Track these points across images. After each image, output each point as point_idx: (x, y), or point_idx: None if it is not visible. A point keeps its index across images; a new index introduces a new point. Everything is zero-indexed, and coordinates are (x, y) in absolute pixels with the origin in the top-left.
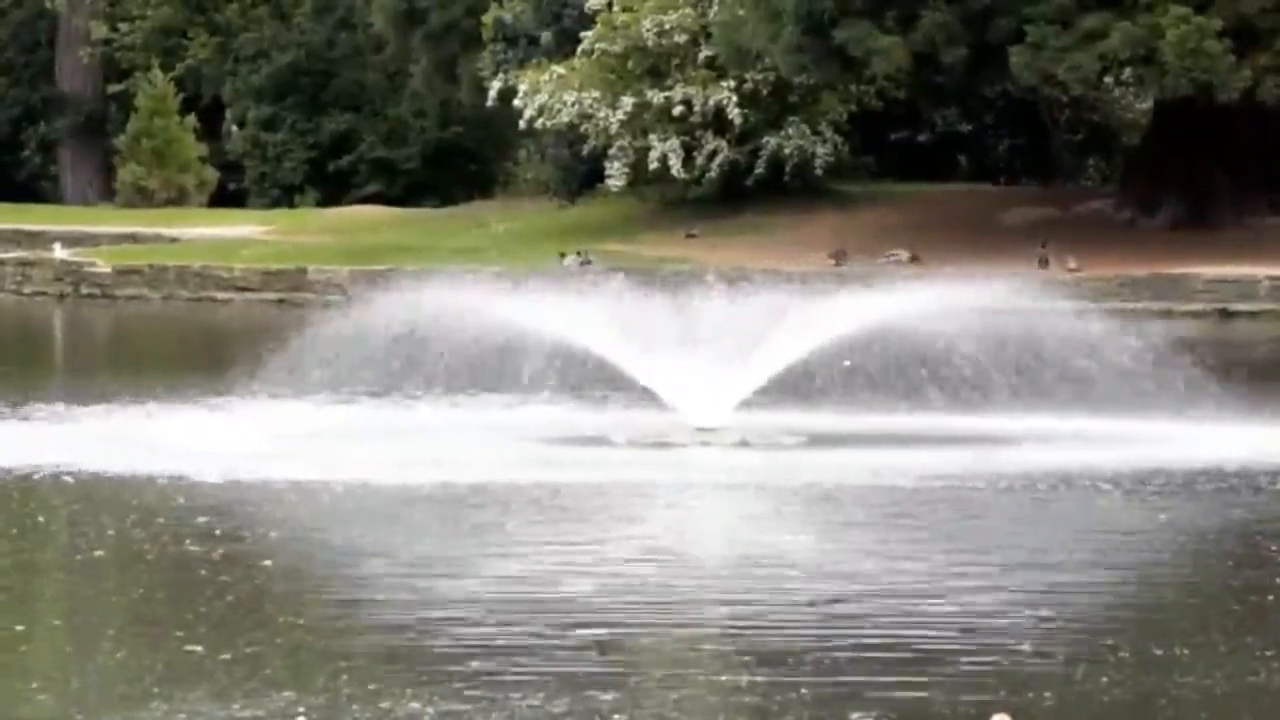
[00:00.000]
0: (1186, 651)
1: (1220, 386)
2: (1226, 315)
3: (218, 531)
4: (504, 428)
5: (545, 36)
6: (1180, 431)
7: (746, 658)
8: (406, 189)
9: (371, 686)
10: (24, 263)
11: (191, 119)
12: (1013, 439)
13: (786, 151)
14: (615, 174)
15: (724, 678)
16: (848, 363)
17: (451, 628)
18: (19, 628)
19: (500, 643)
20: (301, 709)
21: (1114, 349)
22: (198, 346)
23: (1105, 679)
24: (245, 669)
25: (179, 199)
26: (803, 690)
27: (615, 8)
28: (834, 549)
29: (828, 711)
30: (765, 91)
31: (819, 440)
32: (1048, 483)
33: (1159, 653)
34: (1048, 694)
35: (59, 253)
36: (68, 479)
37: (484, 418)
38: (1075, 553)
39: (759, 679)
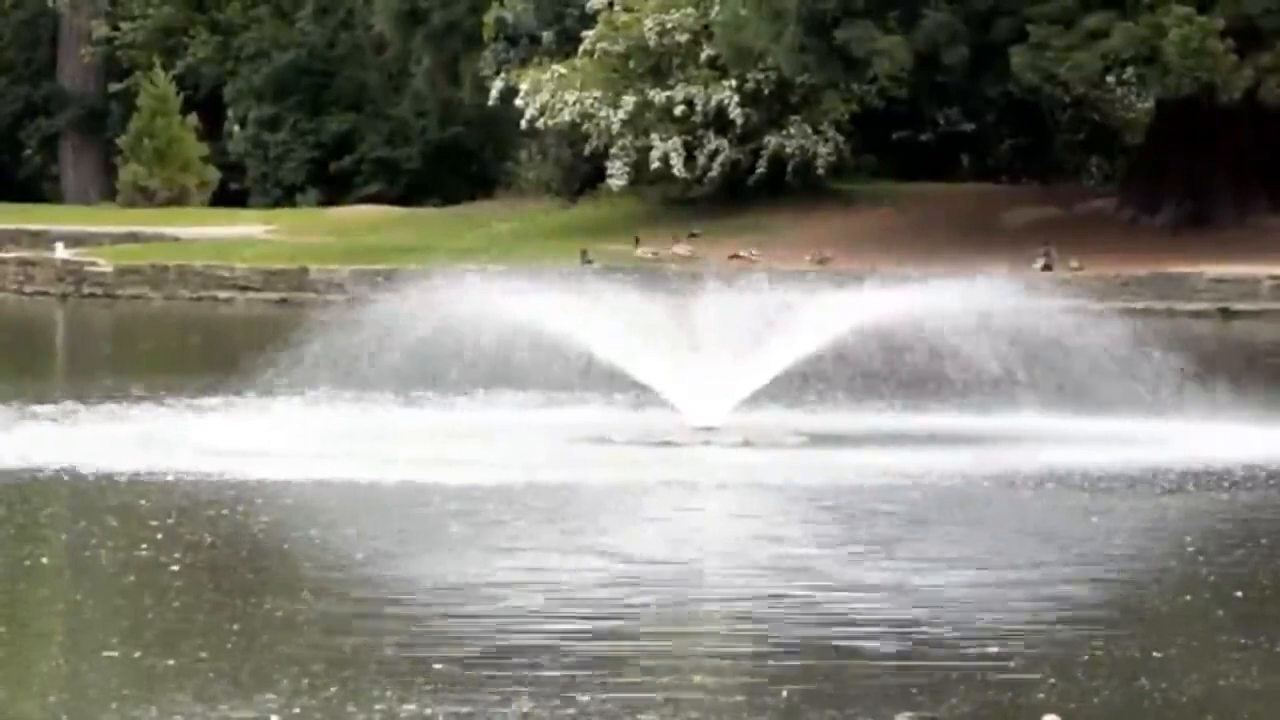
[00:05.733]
0: (1188, 652)
1: (1223, 385)
2: (1228, 315)
3: (220, 530)
4: (503, 428)
5: (547, 36)
6: (1183, 431)
7: (746, 658)
8: (408, 189)
9: (374, 691)
10: (26, 262)
11: (193, 118)
12: (1015, 438)
13: (788, 151)
14: (617, 173)
15: (724, 678)
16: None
17: (451, 626)
18: (12, 630)
19: (499, 643)
20: (296, 709)
21: (1116, 348)
22: (201, 346)
23: (1109, 678)
24: (242, 671)
25: (180, 198)
26: (805, 688)
27: (617, 7)
28: (835, 549)
29: (824, 712)
30: (767, 91)
31: (821, 440)
32: (1050, 482)
33: (1158, 654)
34: (1040, 695)
35: (60, 252)
36: (72, 478)
37: (483, 418)
38: (1078, 553)
39: (759, 679)
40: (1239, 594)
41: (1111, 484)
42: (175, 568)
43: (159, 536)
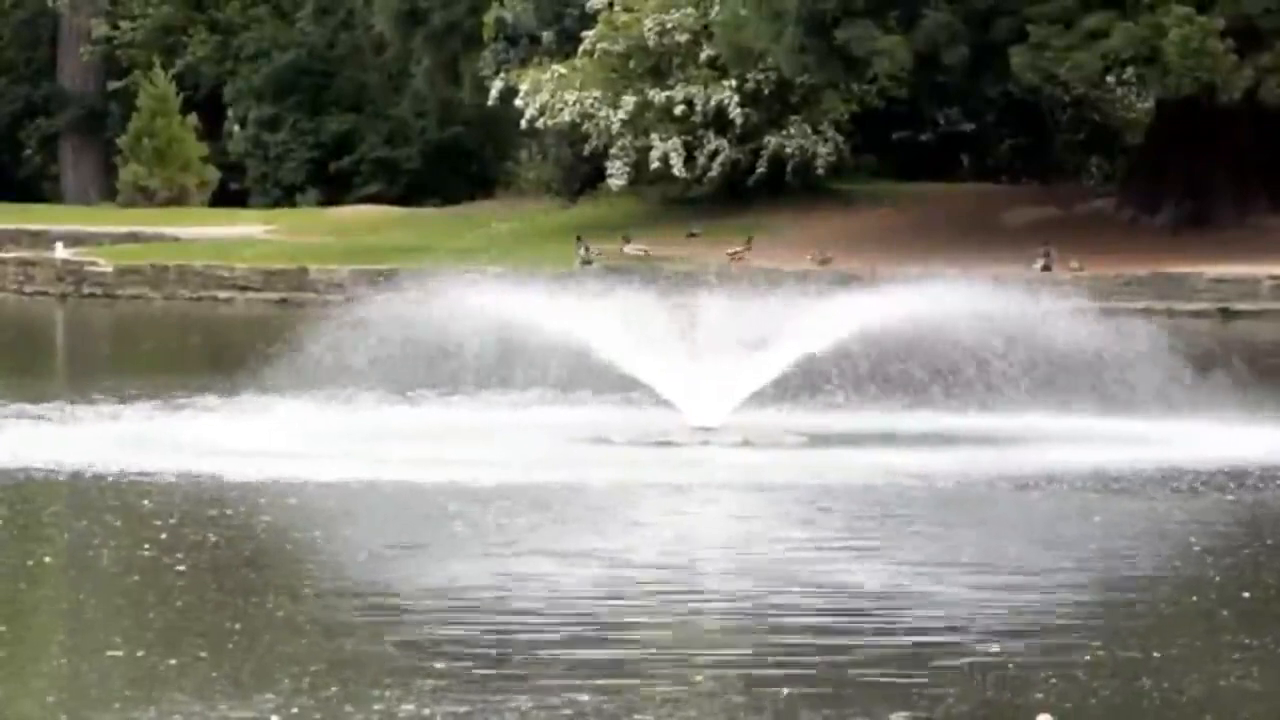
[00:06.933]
0: (1190, 652)
1: (1225, 386)
2: (1228, 315)
3: (221, 529)
4: (504, 428)
5: (547, 36)
6: (1184, 431)
7: (746, 658)
8: (408, 189)
9: (374, 691)
10: (26, 262)
11: (193, 118)
12: (1014, 438)
13: (788, 151)
14: (616, 173)
15: (724, 679)
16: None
17: (451, 626)
18: (13, 630)
19: (499, 643)
20: (296, 709)
21: (1116, 348)
22: (201, 346)
23: (1109, 678)
24: (242, 671)
25: (180, 198)
26: (804, 688)
27: (617, 7)
28: (835, 549)
29: (822, 712)
30: (767, 91)
31: (820, 440)
32: (1052, 482)
33: (1159, 655)
34: (1040, 695)
35: (60, 252)
36: (72, 478)
37: (484, 418)
38: (1080, 553)
39: (758, 679)
40: (1245, 594)
41: (1114, 484)
42: (177, 568)
43: (161, 536)
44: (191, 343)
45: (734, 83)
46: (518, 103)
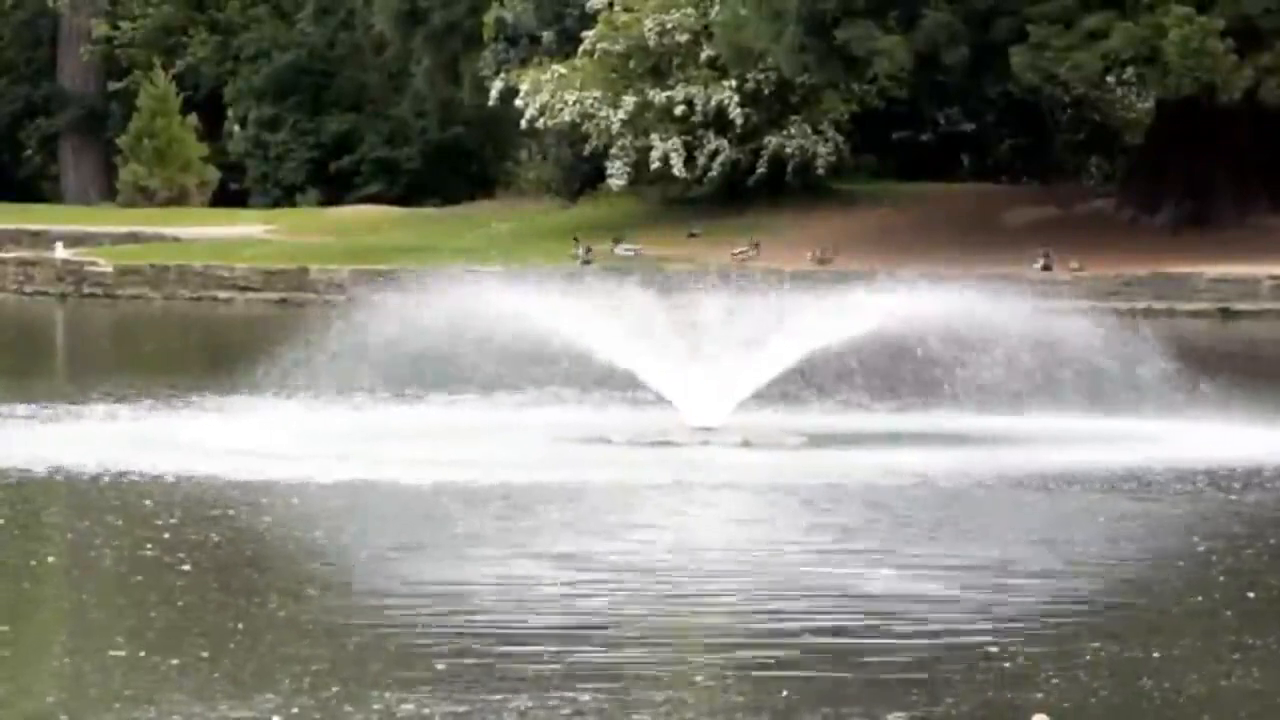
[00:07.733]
0: (1192, 652)
1: (1224, 386)
2: (1228, 315)
3: (222, 529)
4: (504, 427)
5: (547, 36)
6: (1185, 431)
7: (745, 659)
8: (408, 189)
9: (374, 691)
10: (26, 262)
11: (193, 119)
12: (1014, 439)
13: (788, 151)
14: (616, 173)
15: (723, 679)
16: None
17: (451, 626)
18: (16, 629)
19: (498, 643)
20: (296, 709)
21: (1117, 348)
22: (201, 346)
23: (1110, 677)
24: (243, 671)
25: (180, 199)
26: (804, 688)
27: (617, 7)
28: (835, 550)
29: (822, 712)
30: (767, 91)
31: (820, 440)
32: (1049, 483)
33: (1161, 654)
34: (1040, 695)
35: (60, 252)
36: (73, 478)
37: (484, 418)
38: (1083, 553)
39: (755, 680)
40: (1248, 595)
41: (1117, 484)
42: (179, 568)
43: (163, 536)
44: (191, 343)
45: (734, 83)
46: (518, 103)
